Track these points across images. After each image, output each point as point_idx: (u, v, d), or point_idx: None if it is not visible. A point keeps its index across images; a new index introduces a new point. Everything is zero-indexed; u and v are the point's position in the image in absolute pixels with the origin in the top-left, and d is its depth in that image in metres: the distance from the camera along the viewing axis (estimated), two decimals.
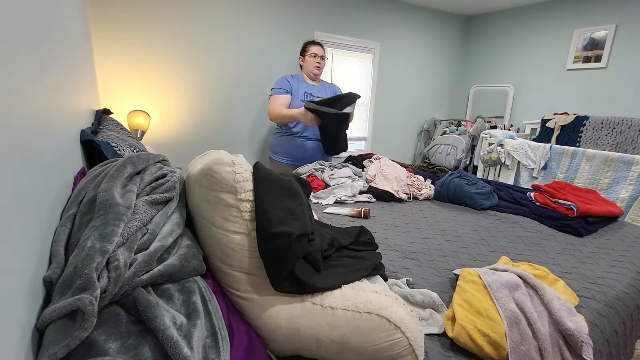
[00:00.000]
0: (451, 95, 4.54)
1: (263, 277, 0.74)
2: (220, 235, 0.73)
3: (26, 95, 0.55)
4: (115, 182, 0.69)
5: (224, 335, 0.60)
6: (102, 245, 0.55)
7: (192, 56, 2.65)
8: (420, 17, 3.90)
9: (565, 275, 1.16)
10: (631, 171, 2.44)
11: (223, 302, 0.70)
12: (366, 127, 3.87)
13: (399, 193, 1.99)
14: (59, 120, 0.80)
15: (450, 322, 0.86)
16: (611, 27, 3.12)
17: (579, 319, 0.85)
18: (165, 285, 0.62)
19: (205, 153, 0.99)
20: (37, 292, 0.52)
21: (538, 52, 3.68)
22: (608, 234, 1.56)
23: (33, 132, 0.57)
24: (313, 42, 2.42)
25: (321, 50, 2.39)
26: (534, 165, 2.97)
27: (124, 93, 2.45)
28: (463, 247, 1.37)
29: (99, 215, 0.61)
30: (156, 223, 0.69)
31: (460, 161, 3.66)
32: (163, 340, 0.51)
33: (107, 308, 0.54)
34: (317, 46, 2.38)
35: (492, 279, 0.95)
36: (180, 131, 2.74)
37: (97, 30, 2.28)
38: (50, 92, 0.74)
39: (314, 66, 2.37)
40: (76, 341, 0.46)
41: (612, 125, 3.01)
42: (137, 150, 1.17)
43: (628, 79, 3.07)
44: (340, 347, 0.68)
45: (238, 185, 0.72)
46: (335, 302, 0.72)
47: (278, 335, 0.70)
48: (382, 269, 1.00)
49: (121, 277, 0.54)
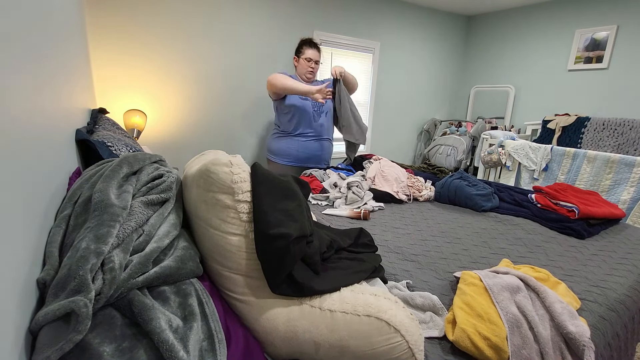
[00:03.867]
0: (452, 96, 4.53)
1: (261, 279, 0.73)
2: (218, 236, 0.72)
3: (19, 94, 0.54)
4: (111, 182, 0.68)
5: (220, 338, 0.59)
6: (97, 247, 0.54)
7: (189, 56, 2.65)
8: (420, 16, 3.90)
9: (567, 278, 1.15)
10: (633, 173, 2.43)
11: (220, 304, 0.69)
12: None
13: (399, 194, 1.98)
14: (54, 120, 0.79)
15: (451, 325, 0.85)
16: (613, 28, 3.11)
17: (580, 323, 0.84)
18: (161, 287, 0.62)
19: (202, 153, 0.99)
20: (30, 293, 0.51)
21: (539, 52, 3.67)
22: (610, 237, 1.55)
23: (27, 132, 0.56)
24: (309, 43, 2.28)
25: (317, 55, 2.27)
26: (534, 167, 2.96)
27: (120, 92, 2.44)
28: (464, 249, 1.36)
29: (94, 216, 0.60)
30: (152, 224, 0.68)
31: (460, 162, 3.65)
32: (159, 343, 0.50)
33: (101, 310, 0.53)
34: (312, 50, 2.26)
35: (493, 281, 0.94)
36: (177, 131, 2.73)
37: (94, 29, 2.28)
38: (45, 90, 0.73)
39: (307, 71, 2.28)
40: (70, 344, 0.45)
41: (614, 126, 3.00)
42: (133, 150, 1.16)
43: (630, 79, 3.06)
44: (339, 351, 0.67)
45: (236, 186, 0.71)
46: (334, 305, 0.71)
47: (276, 339, 0.70)
48: (381, 272, 0.99)
49: (116, 279, 0.53)
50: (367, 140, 3.90)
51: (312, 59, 2.26)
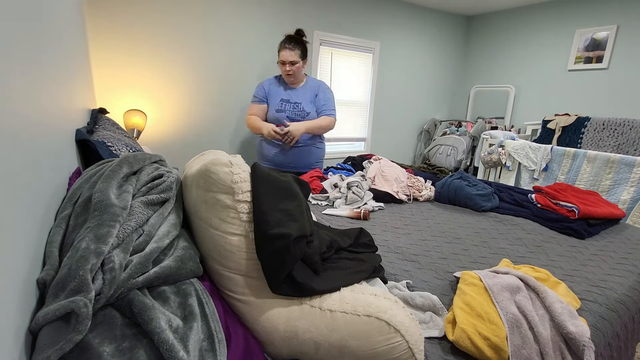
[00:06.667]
0: (452, 96, 4.53)
1: (261, 279, 0.73)
2: (218, 236, 0.72)
3: (19, 94, 0.54)
4: (111, 182, 0.68)
5: (220, 338, 0.59)
6: (97, 247, 0.54)
7: (189, 56, 2.65)
8: (420, 16, 3.90)
9: (567, 278, 1.15)
10: (633, 173, 2.43)
11: (220, 304, 0.69)
12: (365, 128, 3.87)
13: (399, 194, 1.98)
14: (54, 120, 0.79)
15: (451, 325, 0.85)
16: (613, 28, 3.11)
17: (580, 323, 0.84)
18: (161, 287, 0.62)
19: (202, 153, 0.99)
20: (30, 293, 0.51)
21: (539, 52, 3.67)
22: (610, 237, 1.55)
23: (27, 132, 0.56)
24: (283, 43, 2.19)
25: (290, 55, 2.15)
26: (534, 167, 2.95)
27: (121, 92, 2.44)
28: (464, 249, 1.36)
29: (94, 216, 0.60)
30: (152, 224, 0.68)
31: (460, 162, 3.65)
32: (159, 343, 0.50)
33: (101, 310, 0.53)
34: (285, 51, 2.15)
35: (493, 281, 0.94)
36: (177, 131, 2.73)
37: (94, 29, 2.28)
38: (45, 90, 0.73)
39: (285, 74, 2.23)
40: (70, 344, 0.45)
41: (614, 126, 3.00)
42: (133, 150, 1.16)
43: (630, 79, 3.06)
44: (339, 351, 0.67)
45: (236, 186, 0.71)
46: (334, 305, 0.71)
47: (276, 339, 0.70)
48: (381, 272, 0.99)
49: (116, 278, 0.53)
50: (367, 140, 3.90)
51: (285, 61, 2.17)
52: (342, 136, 3.70)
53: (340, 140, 3.71)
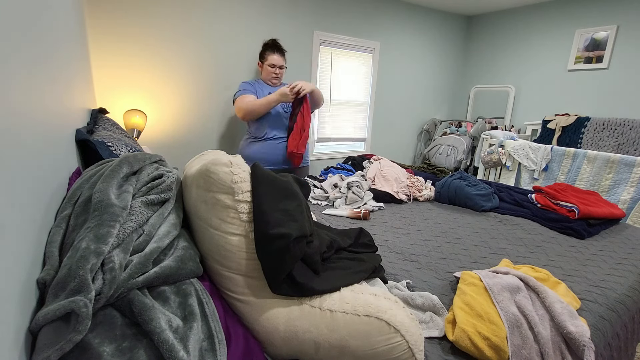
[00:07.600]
0: (452, 96, 4.53)
1: (261, 279, 0.73)
2: (218, 236, 0.72)
3: (20, 94, 0.54)
4: (111, 182, 0.68)
5: (220, 338, 0.59)
6: (97, 247, 0.54)
7: (189, 56, 2.65)
8: (420, 16, 3.90)
9: (567, 278, 1.15)
10: (633, 173, 2.43)
11: (220, 304, 0.69)
12: (365, 128, 3.87)
13: (399, 194, 1.98)
14: (54, 119, 0.79)
15: (451, 325, 0.85)
16: (613, 28, 3.11)
17: (580, 323, 0.84)
18: (161, 287, 0.62)
19: (202, 153, 0.99)
20: (30, 293, 0.51)
21: (539, 52, 3.67)
22: (610, 237, 1.55)
23: (27, 132, 0.56)
24: (272, 47, 2.25)
25: (281, 60, 2.24)
26: (534, 167, 2.95)
27: (121, 92, 2.44)
28: (464, 249, 1.36)
29: (94, 216, 0.60)
30: (152, 224, 0.68)
31: (460, 162, 3.65)
32: (159, 343, 0.50)
33: (101, 310, 0.53)
34: (276, 54, 2.23)
35: (493, 281, 0.94)
36: (177, 131, 2.73)
37: (94, 29, 2.27)
38: (45, 91, 0.73)
39: (272, 76, 2.26)
40: (70, 344, 0.45)
41: (614, 126, 3.00)
42: (133, 150, 1.16)
43: (630, 79, 3.06)
44: (339, 351, 0.67)
45: (236, 186, 0.71)
46: (334, 305, 0.71)
47: (276, 339, 0.70)
48: (381, 272, 0.99)
49: (116, 278, 0.53)
50: (367, 140, 3.90)
51: (276, 64, 2.22)
52: (342, 136, 3.70)
53: (340, 140, 3.71)
